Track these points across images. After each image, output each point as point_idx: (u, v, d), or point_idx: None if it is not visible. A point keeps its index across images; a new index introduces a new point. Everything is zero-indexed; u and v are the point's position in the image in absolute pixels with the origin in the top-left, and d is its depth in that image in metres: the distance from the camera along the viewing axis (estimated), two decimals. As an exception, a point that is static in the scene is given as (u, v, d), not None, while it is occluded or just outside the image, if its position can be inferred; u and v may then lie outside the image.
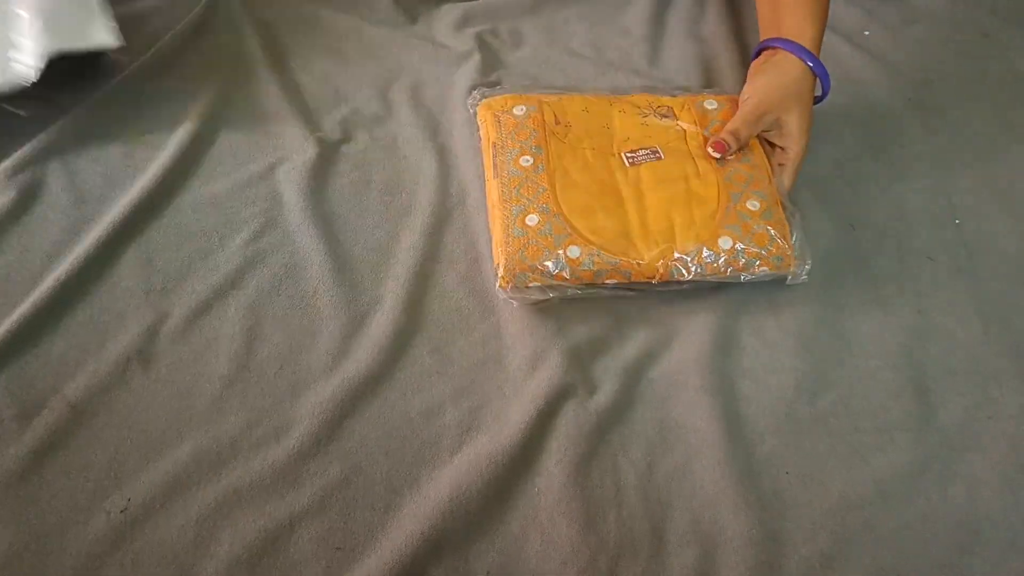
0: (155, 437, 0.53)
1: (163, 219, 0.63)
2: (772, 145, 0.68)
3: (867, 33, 0.85)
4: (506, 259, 0.58)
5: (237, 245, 0.62)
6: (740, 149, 0.65)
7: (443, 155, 0.70)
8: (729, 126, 0.65)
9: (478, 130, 0.69)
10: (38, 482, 0.50)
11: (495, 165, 0.64)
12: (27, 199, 0.63)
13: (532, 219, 0.60)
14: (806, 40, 0.66)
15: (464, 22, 0.82)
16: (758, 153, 0.66)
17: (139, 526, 0.49)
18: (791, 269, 0.61)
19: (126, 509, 0.50)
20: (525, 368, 0.57)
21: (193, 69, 0.74)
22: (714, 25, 0.84)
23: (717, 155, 0.65)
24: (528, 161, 0.63)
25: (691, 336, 0.60)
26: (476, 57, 0.78)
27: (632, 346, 0.59)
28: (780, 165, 0.66)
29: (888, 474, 0.54)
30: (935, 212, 0.69)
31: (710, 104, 0.70)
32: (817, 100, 0.68)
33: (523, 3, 0.85)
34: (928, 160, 0.73)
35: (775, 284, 0.63)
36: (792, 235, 0.62)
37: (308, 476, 0.52)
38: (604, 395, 0.56)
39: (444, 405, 0.56)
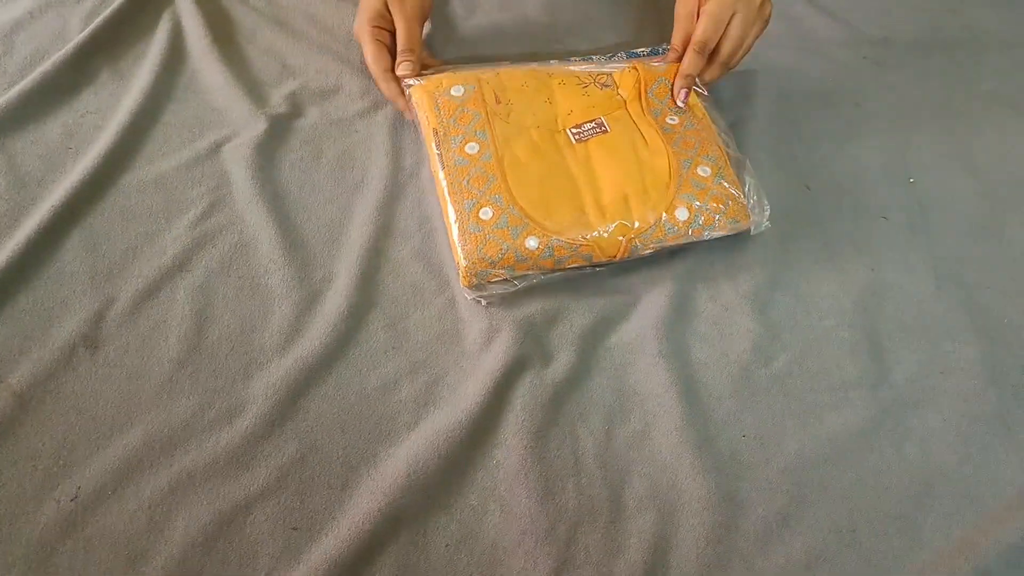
0: (104, 423, 0.52)
1: (107, 201, 0.62)
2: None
3: (823, -8, 0.84)
4: (466, 258, 0.57)
5: (184, 226, 0.61)
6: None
7: (395, 129, 0.69)
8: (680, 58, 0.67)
9: (414, 115, 0.67)
10: (-16, 473, 0.49)
11: (440, 155, 0.62)
12: (-36, 185, 0.61)
13: (486, 213, 0.58)
14: None
15: (415, -9, 0.80)
16: (701, 116, 0.66)
17: (90, 513, 0.48)
18: (750, 222, 0.61)
19: (76, 497, 0.49)
20: (481, 341, 0.57)
21: (134, 46, 0.72)
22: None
23: (683, 103, 0.65)
24: (474, 148, 0.61)
25: (648, 303, 0.60)
26: (427, 26, 0.76)
27: (589, 315, 0.59)
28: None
29: (843, 432, 0.55)
30: (890, 171, 0.69)
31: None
32: None
33: (475, -30, 0.83)
34: (884, 118, 0.73)
35: (732, 247, 0.63)
36: (745, 187, 0.62)
37: (263, 457, 0.51)
38: (561, 365, 0.56)
39: (400, 380, 0.55)
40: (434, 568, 0.48)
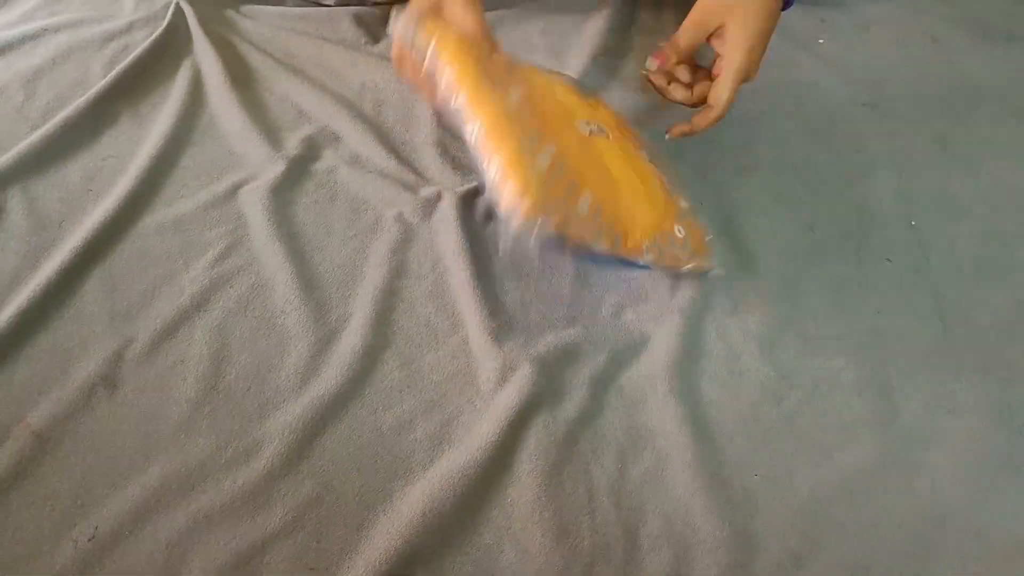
0: (122, 463, 0.52)
1: (126, 243, 0.63)
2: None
3: (821, 41, 0.87)
4: (536, 187, 0.51)
5: (202, 267, 0.62)
6: (679, 61, 0.66)
7: (407, 172, 0.70)
8: (673, 38, 0.65)
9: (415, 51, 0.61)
10: (2, 513, 0.49)
11: (479, 88, 0.55)
12: (-14, 227, 0.63)
13: (544, 158, 0.53)
14: None
15: (427, 40, 0.83)
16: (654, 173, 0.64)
17: (107, 554, 0.48)
18: (710, 266, 0.62)
19: (93, 537, 0.49)
20: (495, 380, 0.57)
21: (154, 91, 0.74)
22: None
23: (654, 65, 0.65)
24: (516, 96, 0.56)
25: (658, 342, 0.61)
26: (438, 74, 0.78)
27: (601, 354, 0.60)
28: (715, 77, 0.64)
29: (854, 471, 0.55)
30: (891, 213, 0.71)
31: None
32: (785, 5, 0.67)
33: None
34: (884, 163, 0.75)
35: (738, 288, 0.64)
36: (707, 236, 0.63)
37: (279, 496, 0.51)
38: (574, 403, 0.57)
39: (415, 420, 0.56)
40: (450, 609, 0.48)
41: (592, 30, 0.86)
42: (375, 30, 0.83)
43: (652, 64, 0.65)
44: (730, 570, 0.50)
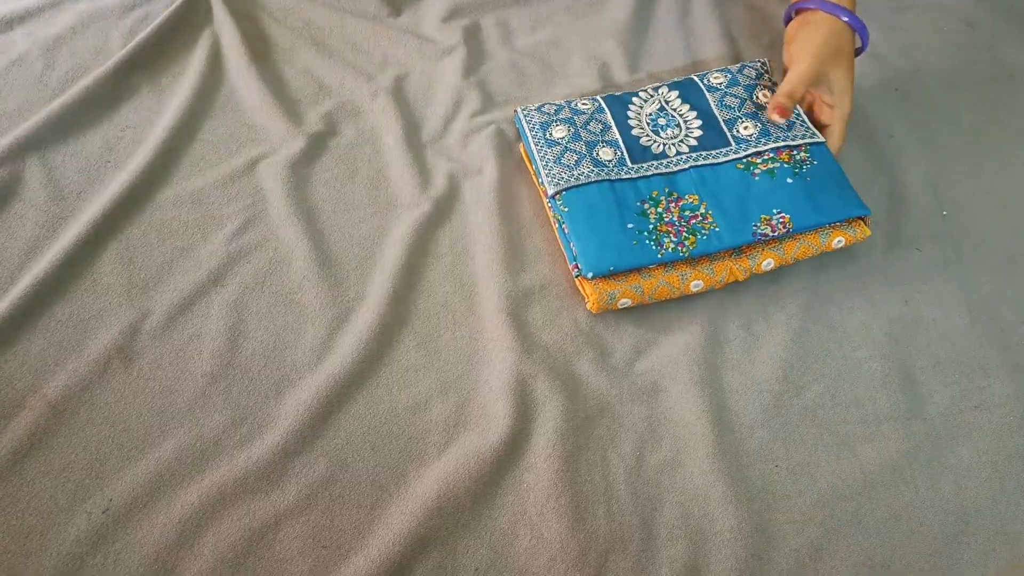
0: (137, 436, 0.52)
1: (144, 215, 0.62)
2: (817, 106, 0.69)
3: (853, 24, 0.85)
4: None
5: (220, 241, 0.61)
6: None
7: (428, 149, 0.69)
8: (784, 88, 0.65)
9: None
10: (18, 483, 0.49)
11: None
12: (4, 195, 0.62)
13: None
14: None
15: (450, 15, 0.81)
16: None
17: (121, 526, 0.48)
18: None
19: (108, 509, 0.49)
20: (512, 362, 0.57)
21: (173, 62, 0.73)
22: (701, 17, 0.83)
23: (781, 120, 0.65)
24: None
25: (679, 331, 0.59)
26: (462, 50, 0.77)
27: (620, 340, 0.59)
28: (827, 126, 0.67)
29: (876, 465, 0.54)
30: (922, 203, 0.69)
31: None
32: (857, 52, 0.69)
33: (509, -5, 0.84)
34: (916, 151, 0.73)
35: (762, 276, 0.62)
36: None
37: (293, 474, 0.51)
38: (592, 389, 0.56)
39: (431, 400, 0.55)
40: (463, 592, 0.48)
41: (617, 6, 0.84)
42: (397, 2, 0.82)
43: (779, 119, 0.65)
44: (747, 561, 0.49)
